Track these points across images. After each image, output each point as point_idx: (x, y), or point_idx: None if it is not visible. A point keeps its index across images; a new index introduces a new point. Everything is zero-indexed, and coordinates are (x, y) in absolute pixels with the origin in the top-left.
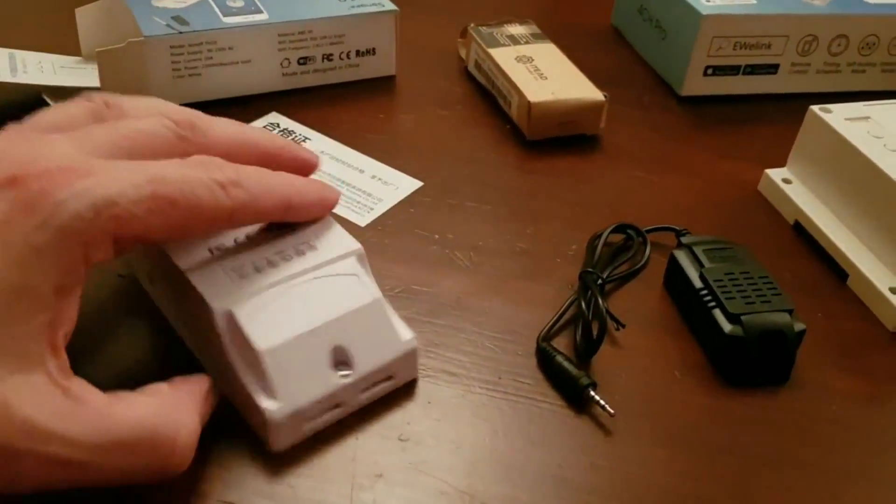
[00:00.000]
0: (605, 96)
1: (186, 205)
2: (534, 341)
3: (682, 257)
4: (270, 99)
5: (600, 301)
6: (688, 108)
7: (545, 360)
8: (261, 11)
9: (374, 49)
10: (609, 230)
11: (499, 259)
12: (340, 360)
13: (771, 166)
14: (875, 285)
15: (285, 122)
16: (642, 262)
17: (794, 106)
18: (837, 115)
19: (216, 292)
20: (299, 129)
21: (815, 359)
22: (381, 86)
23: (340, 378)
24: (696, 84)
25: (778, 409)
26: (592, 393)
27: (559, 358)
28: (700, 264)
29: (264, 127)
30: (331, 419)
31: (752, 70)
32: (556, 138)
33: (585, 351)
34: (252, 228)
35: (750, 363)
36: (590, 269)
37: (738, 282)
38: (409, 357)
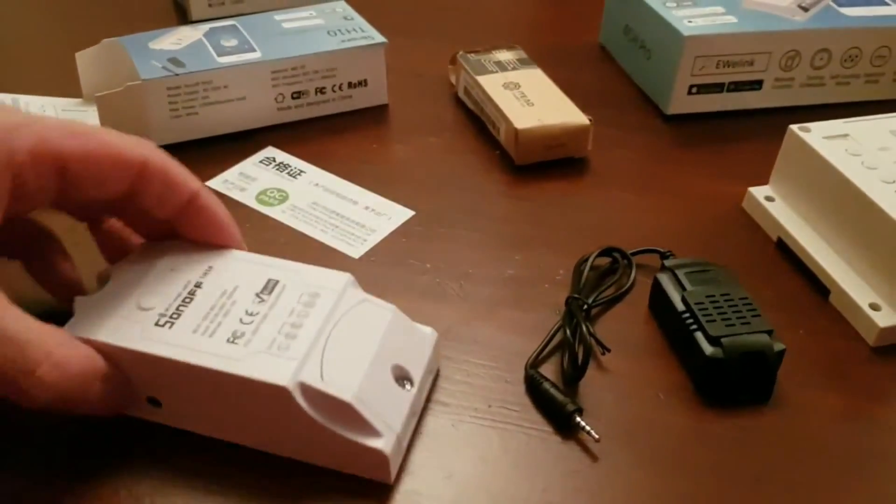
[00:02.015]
0: (591, 120)
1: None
2: (522, 368)
3: (665, 281)
4: (266, 133)
5: (584, 327)
6: (674, 126)
7: (533, 388)
8: (254, 50)
9: (365, 80)
10: (595, 254)
11: (489, 287)
12: (399, 375)
13: (756, 183)
14: (856, 301)
15: (281, 155)
16: (628, 285)
17: (780, 120)
18: (816, 134)
19: (274, 373)
20: (295, 162)
21: (797, 376)
22: (374, 115)
23: (408, 390)
24: (681, 103)
25: (762, 429)
26: (578, 419)
27: (546, 385)
28: (682, 287)
29: (260, 162)
30: (411, 431)
31: (737, 87)
32: (545, 162)
33: (572, 377)
34: (238, 307)
35: (731, 384)
36: (575, 296)
37: (718, 304)
38: (436, 348)
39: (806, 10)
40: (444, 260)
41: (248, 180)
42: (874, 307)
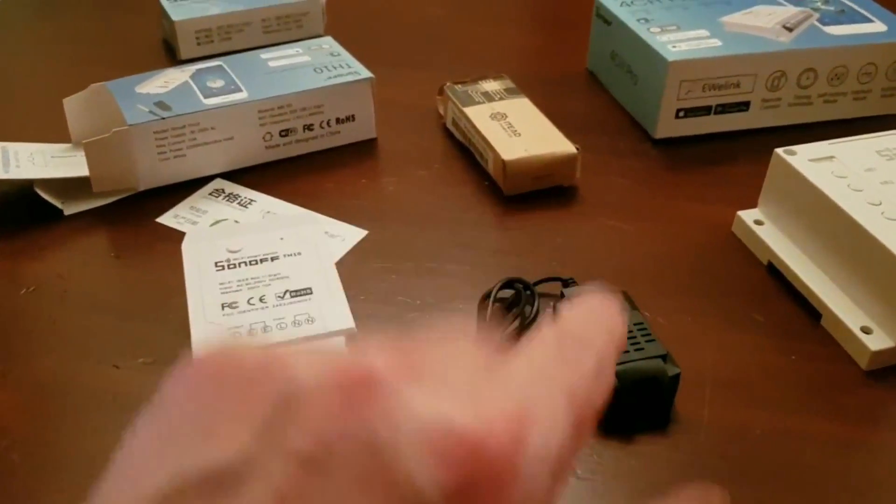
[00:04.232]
0: (578, 149)
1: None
2: None
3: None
4: (254, 172)
5: None
6: (662, 150)
7: None
8: (240, 90)
9: (353, 116)
10: (497, 287)
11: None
12: None
13: (745, 206)
14: (847, 325)
15: (230, 186)
16: (531, 316)
17: (769, 140)
18: (801, 157)
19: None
20: (244, 192)
21: (790, 403)
22: (363, 149)
23: None
24: (668, 127)
25: (752, 458)
26: None
27: None
28: None
29: (210, 194)
30: None
31: (724, 109)
32: (534, 192)
33: None
34: (270, 290)
35: (627, 412)
36: None
37: None
38: None
39: (790, 30)
40: (433, 296)
41: (199, 213)
42: (866, 330)
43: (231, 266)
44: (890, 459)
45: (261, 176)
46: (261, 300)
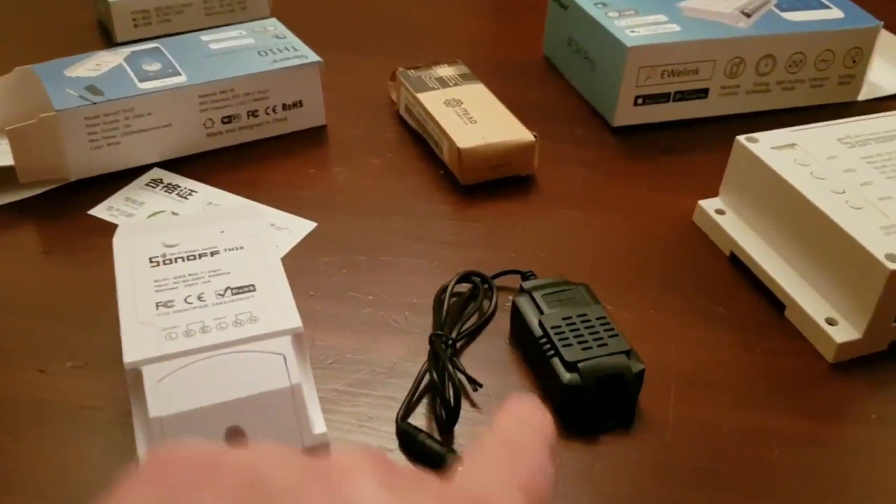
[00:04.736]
0: (535, 137)
1: None
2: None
3: (523, 304)
4: (195, 161)
5: (449, 366)
6: (621, 138)
7: (407, 443)
8: (179, 73)
9: (300, 101)
10: (454, 282)
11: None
12: (239, 442)
13: (705, 195)
14: (812, 317)
15: (169, 176)
16: (489, 311)
17: (727, 127)
18: (763, 145)
19: (135, 348)
20: (185, 182)
21: (756, 400)
22: (312, 137)
23: None
24: (627, 114)
25: (718, 458)
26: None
27: (421, 437)
28: (539, 310)
29: (147, 185)
30: None
31: (683, 96)
32: (491, 181)
33: (446, 423)
34: (210, 287)
35: (591, 410)
36: (438, 332)
37: (575, 326)
38: (321, 453)
39: (749, 16)
40: (387, 291)
41: (135, 205)
42: (831, 322)
43: (167, 262)
44: (858, 456)
45: (202, 165)
46: (199, 298)
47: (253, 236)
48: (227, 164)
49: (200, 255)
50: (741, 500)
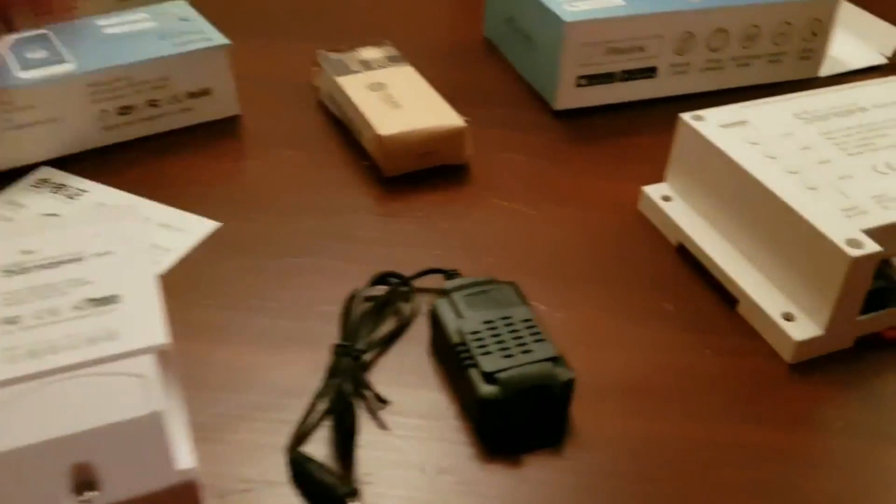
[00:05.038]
0: (466, 122)
1: None
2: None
3: (442, 308)
4: (90, 157)
5: (344, 383)
6: (564, 122)
7: (297, 474)
8: (65, 61)
9: (208, 89)
10: (367, 285)
11: None
12: (86, 480)
13: (653, 181)
14: (767, 312)
15: (59, 175)
16: (408, 316)
17: (679, 109)
18: (711, 123)
19: None
20: (75, 181)
21: (704, 408)
22: (223, 129)
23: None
24: (569, 96)
25: (661, 477)
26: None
27: (312, 467)
28: (459, 314)
29: (32, 186)
30: None
31: (629, 76)
32: (419, 172)
33: (343, 448)
34: (66, 300)
35: (514, 427)
36: (342, 343)
37: (497, 331)
38: (187, 491)
39: None
40: (294, 298)
41: (16, 208)
42: (788, 317)
43: (22, 271)
44: (822, 470)
45: (98, 162)
46: (52, 313)
47: (127, 240)
48: (125, 159)
49: (61, 263)
50: None
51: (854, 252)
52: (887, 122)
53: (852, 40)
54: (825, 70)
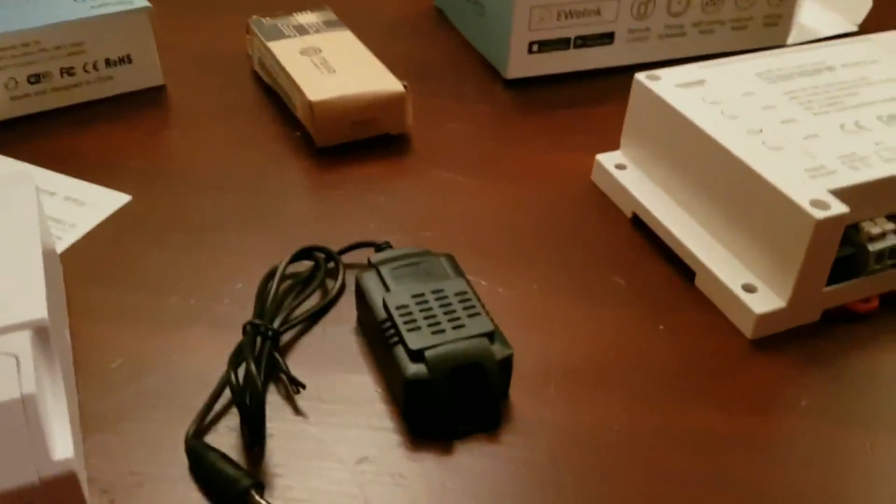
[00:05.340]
0: (406, 86)
1: None
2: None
3: (368, 281)
4: None
5: (252, 365)
6: (515, 92)
7: (195, 465)
8: None
9: (128, 56)
10: (287, 260)
11: None
12: None
13: (607, 151)
14: (726, 284)
15: None
16: (334, 293)
17: None
18: (667, 82)
19: None
20: None
21: (656, 390)
22: (146, 100)
23: None
24: (521, 64)
25: (606, 465)
26: (256, 497)
27: (211, 457)
28: (386, 288)
29: None
30: None
31: (584, 42)
32: (355, 143)
33: (250, 437)
34: None
35: (443, 410)
36: (254, 321)
37: (427, 305)
38: (66, 483)
39: None
40: (207, 276)
41: None
42: (749, 289)
43: None
44: (785, 453)
45: (5, 134)
46: None
47: (11, 210)
48: (35, 132)
49: None
50: None
51: (819, 214)
52: (857, 82)
53: (822, 8)
54: (793, 37)
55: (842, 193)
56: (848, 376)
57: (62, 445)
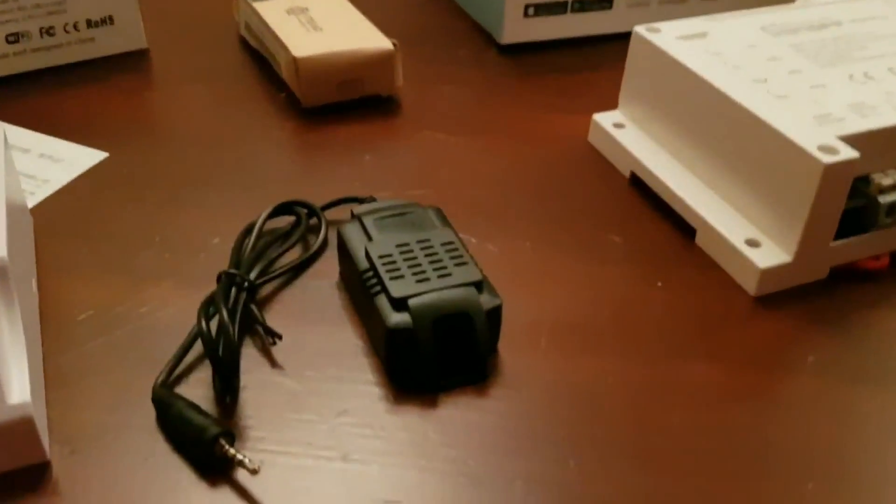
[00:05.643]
0: (395, 45)
1: None
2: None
3: (350, 232)
4: None
5: (225, 313)
6: (510, 58)
7: (163, 416)
8: None
9: (110, 17)
10: (267, 214)
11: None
12: None
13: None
14: (728, 239)
15: None
16: (316, 247)
17: None
18: (667, 35)
19: None
20: None
21: (655, 345)
22: (129, 63)
23: None
24: (517, 28)
25: (600, 419)
26: (226, 446)
27: (179, 406)
28: (369, 238)
29: None
30: None
31: (582, 6)
32: (343, 104)
33: (220, 386)
34: None
35: (427, 361)
36: (230, 271)
37: (412, 254)
38: (22, 428)
39: None
40: (183, 230)
41: None
42: (752, 243)
43: None
44: (790, 410)
45: None
46: None
47: None
48: (12, 92)
49: None
50: (629, 472)
51: (827, 158)
52: (865, 36)
53: None
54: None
55: (851, 141)
56: (856, 334)
57: (19, 389)
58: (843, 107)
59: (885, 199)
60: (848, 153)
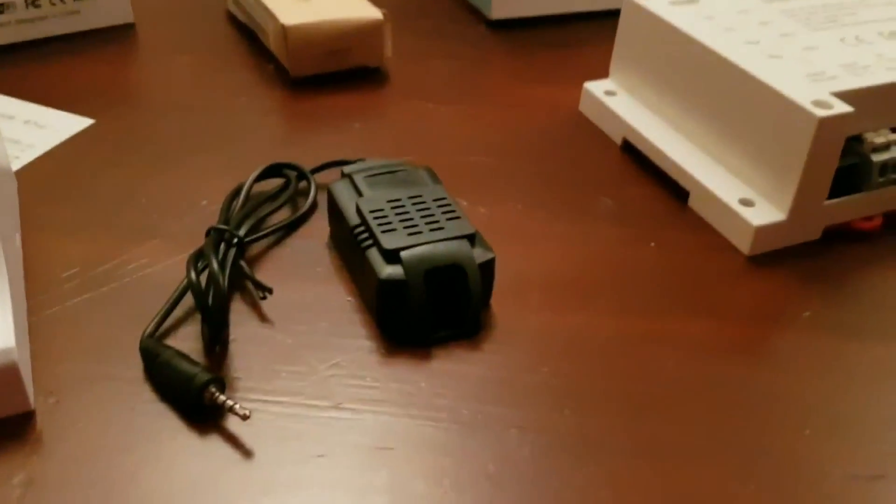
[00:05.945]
0: (385, 15)
1: None
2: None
3: (340, 190)
4: None
5: (215, 264)
6: (500, 34)
7: (150, 366)
8: None
9: None
10: (256, 175)
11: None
12: None
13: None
14: (721, 199)
15: None
16: (305, 208)
17: None
18: (660, 1)
19: None
20: None
21: (648, 302)
22: (115, 37)
23: None
24: (506, 4)
25: (593, 373)
26: (216, 393)
27: (167, 355)
28: (359, 195)
29: None
30: None
31: None
32: (331, 74)
33: (209, 335)
34: None
35: (419, 314)
36: (219, 227)
37: (403, 209)
38: (6, 375)
39: None
40: (169, 193)
41: None
42: (746, 203)
43: None
44: (786, 364)
45: None
46: None
47: None
48: None
49: None
50: (626, 419)
51: (821, 112)
52: (857, 3)
53: None
54: None
55: (844, 98)
56: (850, 292)
57: (2, 336)
58: (836, 66)
59: (878, 158)
60: (842, 108)
